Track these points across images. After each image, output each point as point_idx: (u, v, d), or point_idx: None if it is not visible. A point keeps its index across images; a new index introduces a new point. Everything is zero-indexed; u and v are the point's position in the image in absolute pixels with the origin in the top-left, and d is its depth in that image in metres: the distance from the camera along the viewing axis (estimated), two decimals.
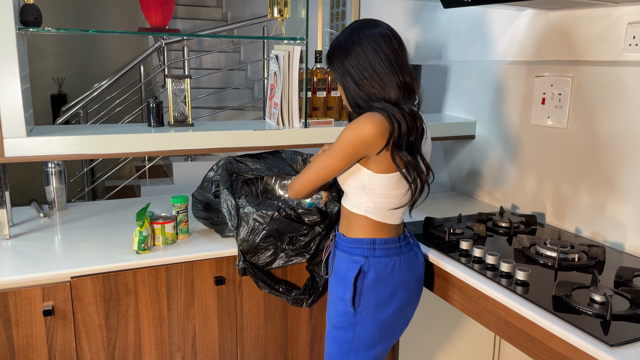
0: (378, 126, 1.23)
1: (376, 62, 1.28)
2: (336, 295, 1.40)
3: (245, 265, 1.54)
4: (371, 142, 1.24)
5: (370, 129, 1.23)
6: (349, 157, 1.28)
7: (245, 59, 5.41)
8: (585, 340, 1.07)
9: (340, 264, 1.40)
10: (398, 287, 1.37)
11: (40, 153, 1.55)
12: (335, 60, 1.34)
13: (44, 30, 1.60)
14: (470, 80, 2.13)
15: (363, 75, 1.29)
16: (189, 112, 1.83)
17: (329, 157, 1.31)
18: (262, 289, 1.58)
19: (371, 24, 1.32)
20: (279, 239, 1.56)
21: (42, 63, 5.84)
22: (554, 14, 1.75)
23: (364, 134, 1.24)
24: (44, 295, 1.39)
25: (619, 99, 1.54)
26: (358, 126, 1.25)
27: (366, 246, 1.36)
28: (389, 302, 1.37)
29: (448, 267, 1.45)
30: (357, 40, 1.30)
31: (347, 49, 1.31)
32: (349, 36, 1.32)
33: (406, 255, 1.39)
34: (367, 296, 1.36)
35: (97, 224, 1.80)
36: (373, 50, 1.29)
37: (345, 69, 1.31)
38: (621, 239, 1.57)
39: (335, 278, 1.41)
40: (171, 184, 4.12)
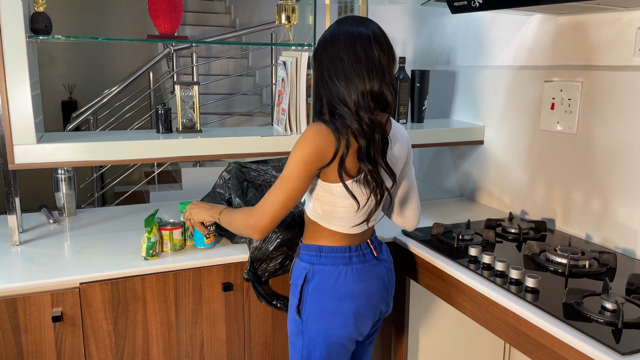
0: (324, 140, 1.21)
1: (346, 63, 1.22)
2: (290, 303, 1.39)
3: (248, 276, 1.55)
4: (321, 157, 1.22)
5: (316, 144, 1.21)
6: (307, 176, 1.24)
7: (253, 65, 5.44)
8: (596, 348, 1.05)
9: (294, 270, 1.39)
10: (343, 298, 1.31)
11: (50, 160, 1.56)
12: (316, 53, 1.30)
13: (53, 38, 1.61)
14: (478, 86, 2.12)
15: (329, 73, 1.24)
16: (197, 118, 1.84)
17: (288, 183, 1.24)
18: (261, 301, 1.58)
19: (356, 21, 1.26)
20: (291, 248, 1.56)
21: (53, 70, 5.90)
22: (562, 18, 1.74)
23: (311, 151, 1.21)
24: (53, 301, 1.40)
25: (629, 103, 1.53)
26: (305, 144, 1.22)
27: (313, 252, 1.34)
28: (334, 314, 1.32)
29: (457, 274, 1.44)
30: (336, 36, 1.24)
31: (325, 43, 1.26)
32: (332, 30, 1.27)
33: (357, 266, 1.33)
34: (310, 304, 1.33)
35: (106, 230, 1.80)
36: (346, 50, 1.22)
37: (320, 62, 1.27)
38: (632, 246, 1.55)
39: (291, 284, 1.40)
40: (180, 189, 4.13)
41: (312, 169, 1.23)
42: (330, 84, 1.25)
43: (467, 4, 1.54)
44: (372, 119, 1.22)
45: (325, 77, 1.25)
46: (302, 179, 1.23)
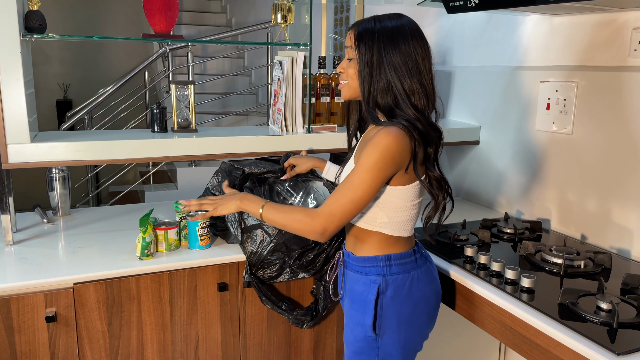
0: (403, 142, 1.17)
1: (423, 72, 1.21)
2: (354, 321, 1.31)
3: (250, 280, 1.54)
4: (397, 162, 1.18)
5: (396, 146, 1.16)
6: (381, 182, 1.19)
7: (249, 65, 5.43)
8: (591, 348, 1.05)
9: (354, 285, 1.32)
10: (418, 303, 1.30)
11: (44, 159, 1.55)
12: (371, 42, 1.22)
13: (48, 36, 1.60)
14: (474, 86, 2.12)
15: (410, 77, 1.20)
16: (192, 118, 1.83)
17: (360, 189, 1.18)
18: (265, 304, 1.57)
19: (415, 24, 1.26)
20: (287, 254, 1.55)
21: (47, 69, 5.88)
22: (558, 19, 1.74)
23: (389, 158, 1.16)
24: (46, 302, 1.39)
25: (625, 104, 1.53)
26: (382, 151, 1.16)
27: (381, 263, 1.28)
28: (411, 321, 1.29)
29: (452, 274, 1.44)
30: (407, 37, 1.21)
31: (394, 39, 1.21)
32: (400, 27, 1.22)
33: (423, 268, 1.31)
34: (388, 317, 1.27)
35: (101, 229, 1.80)
36: (422, 56, 1.22)
37: (387, 60, 1.20)
38: (627, 246, 1.55)
39: (350, 301, 1.33)
40: (175, 189, 4.12)
41: (386, 176, 1.19)
42: (401, 88, 1.20)
43: (463, 4, 1.54)
44: (433, 124, 1.24)
45: (400, 76, 1.20)
46: (376, 186, 1.19)
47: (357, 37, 1.23)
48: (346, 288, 1.36)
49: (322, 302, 1.62)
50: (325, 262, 1.60)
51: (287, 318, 1.61)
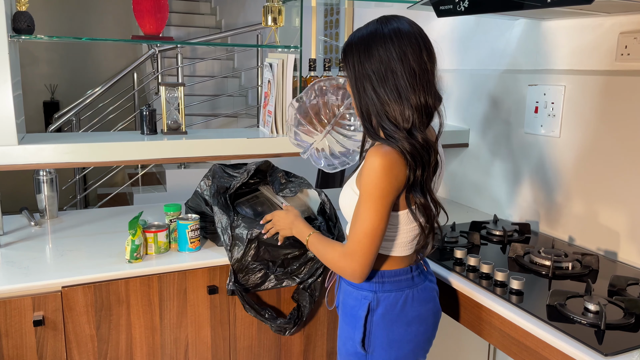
0: (398, 167, 1.08)
1: (399, 75, 1.08)
2: (345, 334, 1.28)
3: (234, 287, 1.53)
4: (396, 187, 1.10)
5: (393, 175, 1.08)
6: (387, 204, 1.11)
7: (239, 67, 5.42)
8: (579, 349, 1.07)
9: (346, 299, 1.28)
10: (412, 323, 1.23)
11: (31, 161, 1.53)
12: (351, 56, 1.13)
13: (36, 37, 1.59)
14: (463, 89, 2.14)
15: (383, 85, 1.09)
16: (182, 120, 1.82)
17: (372, 215, 1.10)
18: (249, 312, 1.57)
19: (400, 22, 1.14)
20: (271, 261, 1.55)
21: (34, 70, 5.82)
22: (546, 23, 1.76)
23: (389, 184, 1.08)
24: (34, 305, 1.37)
25: (611, 107, 1.55)
26: (382, 177, 1.08)
27: (374, 280, 1.22)
28: (403, 340, 1.23)
29: (442, 276, 1.45)
30: (381, 41, 1.10)
31: (369, 47, 1.10)
32: (374, 32, 1.11)
33: (420, 286, 1.24)
34: (378, 336, 1.22)
35: (89, 232, 1.78)
36: (398, 58, 1.08)
37: (363, 71, 1.11)
38: (614, 248, 1.57)
39: (343, 314, 1.30)
40: (164, 191, 4.10)
41: (392, 198, 1.11)
42: (376, 99, 1.10)
43: (453, 8, 1.55)
44: (425, 139, 1.10)
45: (376, 89, 1.10)
46: (384, 211, 1.11)
47: (343, 55, 1.15)
48: (340, 299, 1.33)
49: (307, 309, 1.62)
50: (311, 272, 1.59)
51: (269, 326, 1.60)
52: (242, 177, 1.64)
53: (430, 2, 1.62)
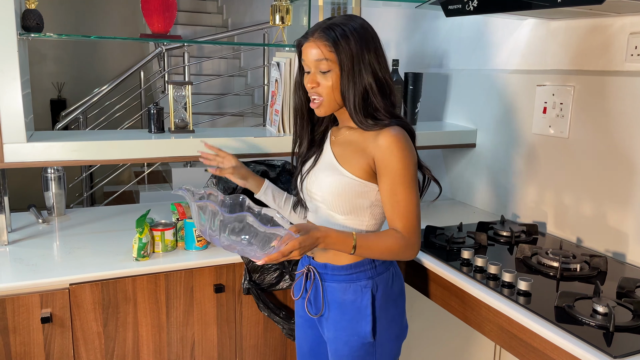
0: (411, 142, 1.22)
1: (384, 65, 1.22)
2: (348, 332, 1.27)
3: (250, 286, 1.53)
4: (417, 160, 1.24)
5: (408, 140, 1.20)
6: (416, 176, 1.23)
7: (245, 66, 5.43)
8: (588, 351, 1.06)
9: (343, 296, 1.27)
10: (398, 298, 1.32)
11: (40, 159, 1.54)
12: (350, 43, 1.17)
13: (45, 35, 1.59)
14: (471, 89, 2.13)
15: (385, 77, 1.21)
16: (189, 118, 1.83)
17: (413, 192, 1.20)
18: (262, 311, 1.57)
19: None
20: (286, 259, 1.55)
21: (41, 68, 5.85)
22: (555, 23, 1.75)
23: (414, 155, 1.21)
24: (42, 302, 1.38)
25: (621, 108, 1.54)
26: (411, 150, 1.20)
27: (368, 267, 1.26)
28: (396, 315, 1.31)
29: (449, 276, 1.44)
30: (374, 36, 1.21)
31: (366, 39, 1.19)
32: (366, 27, 1.21)
33: (394, 262, 1.33)
34: (383, 317, 1.27)
35: (97, 230, 1.79)
36: (383, 53, 1.23)
37: (361, 58, 1.18)
38: (623, 249, 1.56)
39: (340, 313, 1.27)
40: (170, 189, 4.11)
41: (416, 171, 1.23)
42: (374, 84, 1.20)
43: (462, 8, 1.54)
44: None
45: (368, 77, 1.19)
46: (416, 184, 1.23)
47: (334, 45, 1.18)
48: (329, 301, 1.29)
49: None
50: None
51: (281, 328, 1.60)
52: None
53: (439, 1, 1.62)
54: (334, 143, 1.32)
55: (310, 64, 1.22)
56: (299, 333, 1.45)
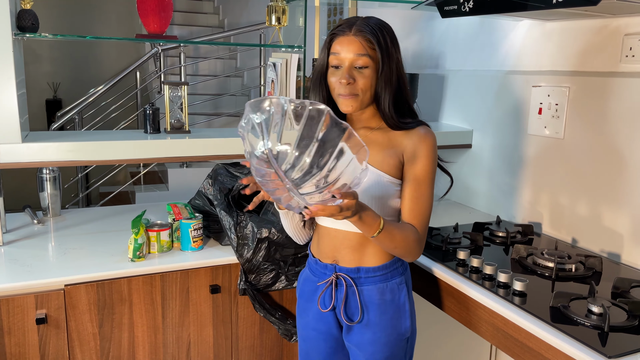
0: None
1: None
2: (388, 333, 1.24)
3: (245, 287, 1.53)
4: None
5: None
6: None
7: (241, 66, 5.42)
8: (583, 352, 1.06)
9: (382, 297, 1.24)
10: (410, 289, 1.32)
11: (35, 159, 1.54)
12: (387, 40, 1.18)
13: (40, 36, 1.59)
14: (467, 89, 2.13)
15: (403, 72, 1.23)
16: (185, 118, 1.82)
17: (432, 192, 1.22)
18: (258, 312, 1.56)
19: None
20: (282, 260, 1.55)
21: (37, 68, 5.82)
22: (551, 24, 1.76)
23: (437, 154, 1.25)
24: (37, 303, 1.37)
25: (616, 109, 1.55)
26: (436, 148, 1.23)
27: (399, 264, 1.27)
28: (413, 307, 1.31)
29: (445, 277, 1.45)
30: (394, 35, 1.22)
31: (396, 38, 1.21)
32: (389, 26, 1.22)
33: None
34: (412, 311, 1.30)
35: (92, 231, 1.78)
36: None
37: (395, 55, 1.20)
38: (618, 250, 1.57)
39: (380, 314, 1.24)
40: (166, 190, 4.10)
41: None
42: (403, 84, 1.22)
43: (457, 9, 1.55)
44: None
45: (404, 80, 1.23)
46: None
47: (377, 41, 1.16)
48: (367, 305, 1.25)
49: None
50: None
51: (277, 328, 1.60)
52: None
53: (435, 2, 1.62)
54: (374, 142, 1.27)
55: (346, 59, 1.17)
56: (310, 347, 1.36)
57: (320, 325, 1.32)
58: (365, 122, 1.26)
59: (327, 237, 1.27)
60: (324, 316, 1.30)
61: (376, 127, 1.25)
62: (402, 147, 1.22)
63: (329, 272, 1.27)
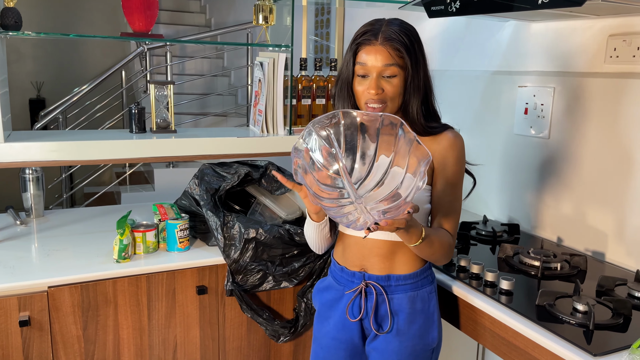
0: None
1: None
2: (415, 342, 1.22)
3: (232, 287, 1.52)
4: None
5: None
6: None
7: (228, 66, 5.39)
8: (568, 349, 1.07)
9: (413, 305, 1.22)
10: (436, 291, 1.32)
11: (18, 159, 1.51)
12: (415, 48, 1.17)
13: (23, 34, 1.56)
14: (454, 90, 2.14)
15: (429, 76, 1.23)
16: (171, 118, 1.81)
17: (461, 195, 1.25)
18: (245, 313, 1.56)
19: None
20: (269, 260, 1.54)
21: (20, 67, 5.74)
22: (536, 25, 1.77)
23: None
24: (20, 306, 1.35)
25: (600, 109, 1.56)
26: (464, 151, 1.24)
27: (428, 272, 1.26)
28: (437, 314, 1.29)
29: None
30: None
31: (421, 43, 1.20)
32: (417, 34, 1.20)
33: None
34: (439, 321, 1.29)
35: (76, 232, 1.76)
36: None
37: (424, 65, 1.20)
38: (602, 248, 1.59)
39: (409, 323, 1.22)
40: (152, 190, 4.07)
41: None
42: (429, 86, 1.22)
43: (444, 9, 1.55)
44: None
45: (425, 79, 1.21)
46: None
47: (406, 50, 1.14)
48: (397, 313, 1.23)
49: (302, 320, 1.61)
50: (310, 274, 1.59)
51: (264, 329, 1.59)
52: (232, 180, 1.63)
53: (422, 2, 1.62)
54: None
55: (374, 69, 1.15)
56: (327, 355, 1.32)
57: (342, 334, 1.28)
58: None
59: (355, 246, 1.25)
60: (347, 325, 1.27)
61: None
62: (432, 151, 1.21)
63: (357, 281, 1.25)
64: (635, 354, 1.00)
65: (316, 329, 1.36)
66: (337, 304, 1.29)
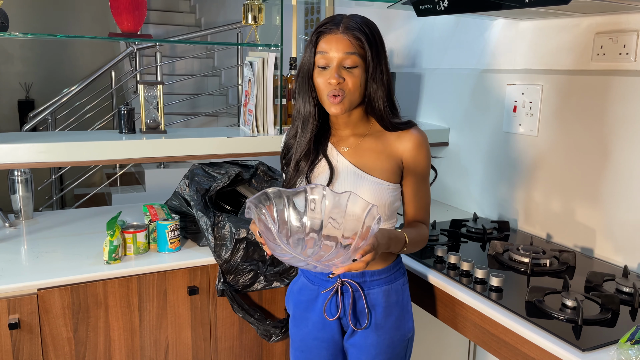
0: None
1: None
2: (391, 334, 1.24)
3: (224, 288, 1.52)
4: None
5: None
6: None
7: (219, 65, 5.38)
8: (558, 345, 1.08)
9: (388, 299, 1.24)
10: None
11: (6, 161, 1.50)
12: (376, 39, 1.15)
13: (10, 35, 1.55)
14: (443, 88, 2.15)
15: (388, 71, 1.20)
16: (161, 118, 1.80)
17: (429, 187, 1.30)
18: (237, 313, 1.55)
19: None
20: (260, 260, 1.54)
21: (9, 68, 5.69)
22: (524, 23, 1.78)
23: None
24: (9, 308, 1.34)
25: (587, 107, 1.58)
26: (428, 145, 1.26)
27: (401, 264, 1.30)
28: (410, 304, 1.34)
29: (422, 273, 1.45)
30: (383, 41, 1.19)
31: (382, 41, 1.17)
32: (378, 29, 1.17)
33: None
34: (412, 309, 1.32)
35: (66, 233, 1.75)
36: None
37: (385, 59, 1.17)
38: (591, 245, 1.60)
39: (385, 316, 1.23)
40: (143, 191, 4.05)
41: None
42: (387, 85, 1.20)
43: (433, 8, 1.56)
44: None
45: (385, 75, 1.18)
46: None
47: (367, 39, 1.13)
48: (374, 308, 1.24)
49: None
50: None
51: (256, 329, 1.59)
52: (222, 180, 1.63)
53: (411, 1, 1.63)
54: (347, 154, 1.24)
55: (334, 58, 1.13)
56: (309, 357, 1.32)
57: (323, 334, 1.28)
58: (353, 126, 1.24)
59: None
60: (326, 324, 1.27)
61: (366, 132, 1.24)
62: (399, 151, 1.23)
63: (332, 279, 1.25)
64: (623, 349, 1.01)
65: (293, 333, 1.36)
66: (313, 305, 1.29)
